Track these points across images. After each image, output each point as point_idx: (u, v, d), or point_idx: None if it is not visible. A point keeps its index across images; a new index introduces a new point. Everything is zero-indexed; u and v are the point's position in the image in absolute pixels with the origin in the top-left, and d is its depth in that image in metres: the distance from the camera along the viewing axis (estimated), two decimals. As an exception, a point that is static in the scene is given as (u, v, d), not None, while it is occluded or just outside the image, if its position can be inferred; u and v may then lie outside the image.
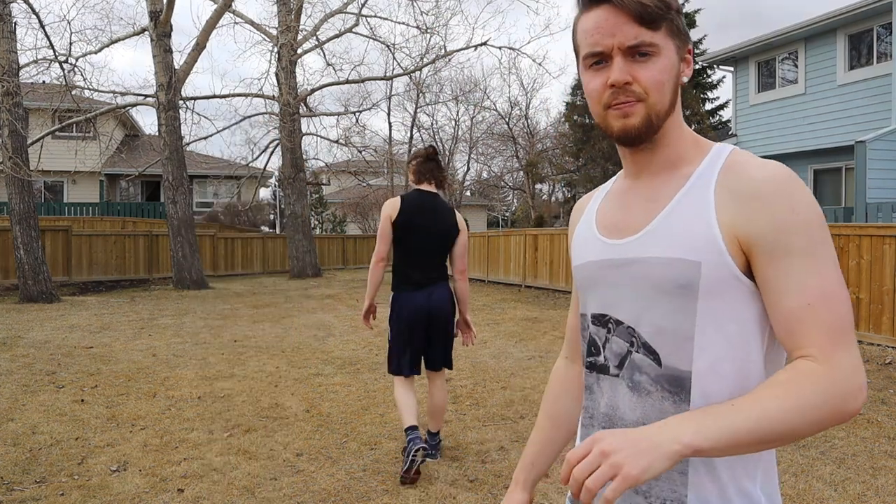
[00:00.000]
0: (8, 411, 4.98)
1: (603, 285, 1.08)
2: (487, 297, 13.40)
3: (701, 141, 1.06)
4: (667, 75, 0.99)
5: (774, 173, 0.94)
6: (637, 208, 1.06)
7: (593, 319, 1.10)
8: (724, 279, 0.95)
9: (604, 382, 1.07)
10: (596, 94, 1.01)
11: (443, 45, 26.40)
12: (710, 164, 1.01)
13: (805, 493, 3.43)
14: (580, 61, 1.04)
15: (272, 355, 7.22)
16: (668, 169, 1.05)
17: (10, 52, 12.30)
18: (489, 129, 33.22)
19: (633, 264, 1.03)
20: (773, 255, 0.92)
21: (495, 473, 3.75)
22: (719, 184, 0.97)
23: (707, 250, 0.95)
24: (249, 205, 26.56)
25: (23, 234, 12.25)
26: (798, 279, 0.91)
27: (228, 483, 3.63)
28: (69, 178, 25.10)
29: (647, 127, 0.99)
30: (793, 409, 0.85)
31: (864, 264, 7.36)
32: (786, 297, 0.92)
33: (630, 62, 0.97)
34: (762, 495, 0.98)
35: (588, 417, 1.12)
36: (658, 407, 0.99)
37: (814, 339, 0.90)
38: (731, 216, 0.94)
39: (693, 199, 0.98)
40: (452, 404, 5.25)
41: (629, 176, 1.11)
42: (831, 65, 14.27)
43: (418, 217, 3.88)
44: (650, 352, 1.00)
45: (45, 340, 8.04)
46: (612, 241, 1.07)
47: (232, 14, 18.19)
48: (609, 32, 0.97)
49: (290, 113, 18.57)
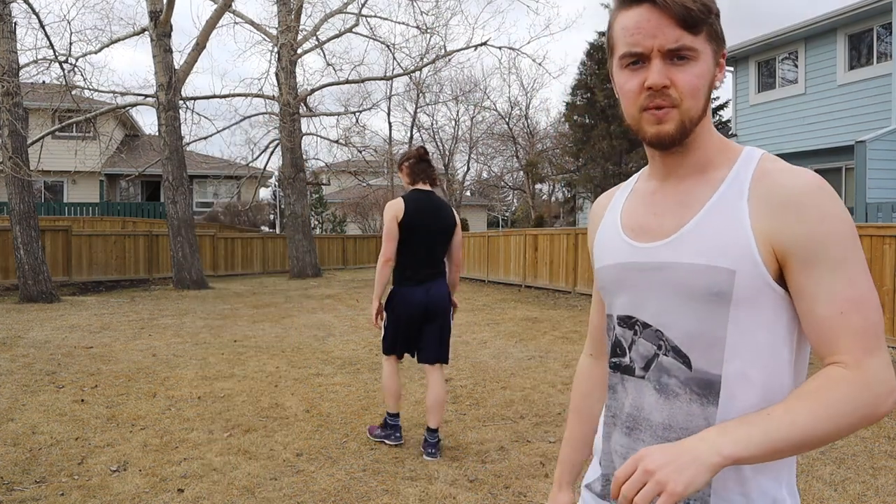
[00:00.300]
0: (8, 411, 4.98)
1: (629, 288, 1.08)
2: (487, 297, 13.40)
3: (729, 144, 1.06)
4: (703, 80, 0.98)
5: (808, 181, 0.94)
6: (666, 212, 1.05)
7: (619, 321, 1.10)
8: (757, 288, 0.95)
9: (629, 383, 1.08)
10: (632, 94, 1.00)
11: (443, 45, 26.42)
12: (741, 170, 1.00)
13: (805, 493, 3.43)
14: (615, 59, 1.03)
15: (272, 355, 7.22)
16: (697, 173, 1.04)
17: (10, 52, 12.30)
18: (489, 129, 33.23)
19: (662, 269, 1.02)
20: (808, 264, 0.93)
21: (495, 473, 3.75)
22: (752, 191, 0.97)
23: (742, 259, 0.95)
24: (249, 205, 26.55)
25: (23, 234, 12.26)
26: (831, 288, 0.92)
27: (228, 483, 3.63)
28: (69, 178, 25.11)
29: (680, 133, 0.99)
30: (824, 417, 0.88)
31: (864, 264, 7.36)
32: (819, 306, 0.93)
33: (668, 65, 0.97)
34: (786, 495, 1.00)
35: (611, 416, 1.13)
36: (685, 409, 1.00)
37: (846, 346, 0.92)
38: (765, 225, 0.95)
39: (726, 205, 0.98)
40: (452, 404, 5.25)
41: (656, 177, 1.10)
42: (831, 65, 14.27)
43: (422, 217, 4.04)
44: (680, 355, 1.00)
45: (45, 340, 8.04)
46: (639, 244, 1.07)
47: (232, 14, 18.19)
48: (650, 33, 0.96)
49: (290, 113, 18.57)
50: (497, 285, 15.81)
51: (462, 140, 32.80)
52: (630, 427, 1.07)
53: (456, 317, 4.31)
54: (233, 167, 23.42)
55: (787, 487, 1.01)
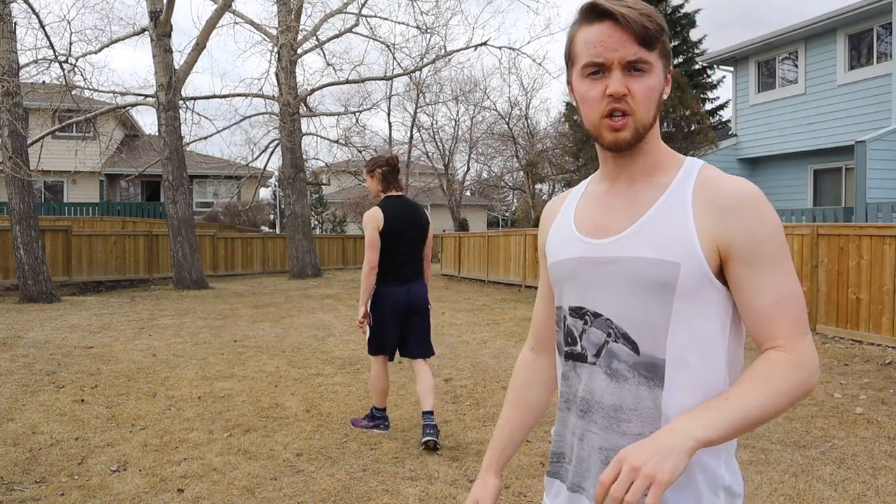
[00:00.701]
0: (8, 411, 4.98)
1: (581, 281, 1.17)
2: (487, 297, 13.40)
3: (674, 154, 1.18)
4: (655, 92, 1.10)
5: (748, 189, 1.08)
6: (618, 211, 1.15)
7: (570, 312, 1.19)
8: (699, 280, 1.07)
9: (581, 370, 1.17)
10: (594, 101, 1.10)
11: (443, 45, 26.42)
12: (685, 176, 1.13)
13: (805, 493, 3.43)
14: (576, 68, 1.13)
15: (272, 355, 7.22)
16: (645, 176, 1.15)
17: (10, 52, 12.30)
18: (489, 129, 33.21)
19: (614, 262, 1.12)
20: (750, 261, 1.06)
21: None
22: (696, 195, 1.09)
23: (686, 254, 1.06)
24: (249, 205, 26.55)
25: (23, 234, 12.26)
26: (771, 282, 1.06)
27: (228, 483, 3.63)
28: (69, 178, 25.11)
29: (635, 138, 1.11)
30: (772, 395, 1.02)
31: (864, 264, 7.36)
32: (759, 297, 1.06)
33: (626, 76, 1.08)
34: (724, 469, 1.11)
35: (565, 402, 1.22)
36: (634, 392, 1.10)
37: (783, 332, 1.06)
38: (709, 225, 1.07)
39: (672, 207, 1.10)
40: (452, 404, 5.26)
41: (607, 179, 1.21)
42: (831, 65, 14.27)
43: (401, 223, 4.29)
44: (628, 341, 1.10)
45: (45, 340, 8.04)
46: (593, 240, 1.16)
47: (232, 14, 18.19)
48: (612, 47, 1.07)
49: (290, 113, 18.57)
50: (497, 285, 15.81)
51: (462, 140, 32.80)
52: (583, 410, 1.16)
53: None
54: (233, 167, 23.42)
55: (724, 463, 1.11)
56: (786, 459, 3.91)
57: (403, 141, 30.33)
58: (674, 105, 13.37)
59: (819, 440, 4.25)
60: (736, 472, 1.13)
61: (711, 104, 22.76)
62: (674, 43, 21.53)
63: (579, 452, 1.18)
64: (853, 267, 7.50)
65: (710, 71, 21.69)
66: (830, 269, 7.78)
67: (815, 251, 7.92)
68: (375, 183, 4.41)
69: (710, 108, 22.60)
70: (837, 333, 7.68)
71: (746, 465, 3.84)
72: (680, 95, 13.41)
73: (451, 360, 6.94)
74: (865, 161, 11.99)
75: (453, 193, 31.26)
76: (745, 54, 16.15)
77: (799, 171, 15.53)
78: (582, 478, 1.17)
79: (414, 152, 31.31)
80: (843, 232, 7.68)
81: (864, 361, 6.54)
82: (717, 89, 23.29)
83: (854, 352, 6.96)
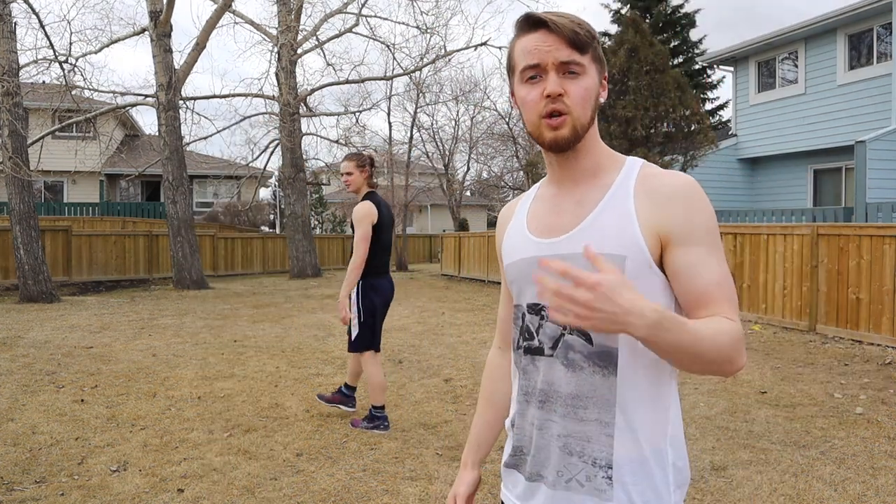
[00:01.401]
0: (8, 411, 4.98)
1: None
2: (487, 297, 13.41)
3: (614, 154, 1.26)
4: (591, 93, 1.18)
5: (685, 181, 1.17)
6: (566, 211, 1.23)
7: (528, 309, 1.25)
8: (642, 270, 1.14)
9: (539, 362, 1.22)
10: (533, 103, 1.18)
11: (443, 45, 26.40)
12: (626, 175, 1.21)
13: (805, 493, 3.43)
14: (516, 76, 1.21)
15: (272, 355, 7.22)
16: (589, 177, 1.23)
17: (10, 52, 12.30)
18: (489, 129, 33.16)
19: (564, 259, 1.17)
20: (689, 245, 1.13)
21: (495, 473, 3.75)
22: (637, 191, 1.17)
23: (630, 246, 1.14)
24: (249, 205, 26.54)
25: (23, 234, 12.25)
26: (709, 264, 1.13)
27: (228, 483, 3.63)
28: (69, 178, 25.11)
29: (574, 137, 1.18)
30: (716, 339, 1.05)
31: (864, 264, 7.36)
32: (699, 278, 1.13)
33: (562, 77, 1.16)
34: (670, 450, 1.18)
35: (524, 395, 1.26)
36: (590, 380, 1.16)
37: (725, 308, 1.12)
38: (650, 216, 1.14)
39: (616, 204, 1.17)
40: (452, 404, 5.26)
41: (554, 183, 1.28)
42: (831, 65, 14.27)
43: (388, 216, 4.56)
44: (582, 333, 1.17)
45: (45, 340, 8.04)
46: (544, 240, 1.23)
47: (232, 14, 18.18)
48: (546, 51, 1.16)
49: (290, 113, 18.56)
50: (497, 285, 15.80)
51: (462, 140, 32.76)
52: (542, 401, 1.22)
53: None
54: (233, 167, 23.41)
55: (670, 441, 1.19)
56: (786, 459, 3.91)
57: (403, 141, 30.29)
58: (674, 105, 13.36)
59: (819, 440, 4.25)
60: (680, 447, 1.21)
61: (711, 104, 22.78)
62: (674, 43, 21.54)
63: (538, 442, 1.22)
64: (853, 267, 7.50)
65: (710, 71, 21.70)
66: (830, 269, 7.78)
67: (815, 251, 7.92)
68: (363, 177, 4.57)
69: (710, 108, 22.61)
70: (837, 333, 7.68)
71: (746, 465, 3.84)
72: (680, 95, 13.40)
73: (451, 360, 6.94)
74: (865, 161, 11.99)
75: (453, 193, 31.24)
76: (745, 54, 16.15)
77: (799, 171, 15.52)
78: (541, 466, 1.22)
79: (414, 152, 31.29)
80: (843, 232, 7.68)
81: (864, 361, 6.54)
82: (717, 89, 23.31)
83: (854, 352, 6.96)
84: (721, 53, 16.64)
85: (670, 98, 13.23)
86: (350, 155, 4.68)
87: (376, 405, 4.53)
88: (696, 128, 13.68)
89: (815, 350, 7.15)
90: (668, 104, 13.27)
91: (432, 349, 7.55)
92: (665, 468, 1.17)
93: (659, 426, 1.18)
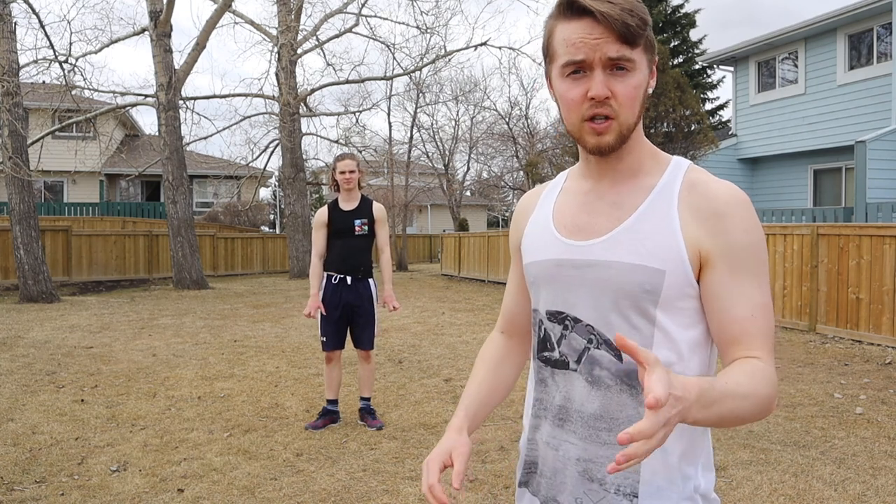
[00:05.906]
0: (8, 411, 4.98)
1: (560, 283, 1.12)
2: (487, 297, 13.40)
3: (658, 153, 1.13)
4: (639, 91, 1.04)
5: (736, 194, 1.03)
6: (600, 212, 1.10)
7: (548, 316, 1.14)
8: (682, 290, 1.03)
9: (559, 377, 1.12)
10: (575, 104, 1.04)
11: (443, 45, 26.42)
12: (671, 178, 1.08)
13: (805, 493, 3.43)
14: (556, 66, 1.06)
15: (272, 355, 7.22)
16: (630, 177, 1.10)
17: (10, 52, 12.31)
18: (489, 129, 33.17)
19: (596, 266, 1.07)
20: (731, 270, 1.01)
21: (495, 473, 3.75)
22: (682, 199, 1.05)
23: (672, 261, 1.02)
24: (249, 205, 26.53)
25: (23, 234, 12.26)
26: (749, 293, 1.01)
27: (228, 483, 3.63)
28: (69, 178, 25.10)
29: (619, 142, 1.05)
30: (754, 391, 0.94)
31: (864, 264, 7.36)
32: (736, 308, 1.01)
33: (608, 75, 1.01)
34: (701, 479, 1.08)
35: (542, 409, 1.16)
36: (617, 399, 1.05)
37: (758, 344, 1.00)
38: (694, 231, 1.02)
39: (657, 211, 1.05)
40: (452, 404, 5.26)
41: (589, 178, 1.14)
42: (831, 65, 14.26)
43: None
44: (612, 348, 1.05)
45: (45, 340, 8.04)
46: (573, 241, 1.11)
47: (232, 14, 18.18)
48: (593, 46, 1.00)
49: (290, 113, 18.56)
50: (497, 285, 15.80)
51: (462, 140, 32.76)
52: (562, 419, 1.11)
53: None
54: (233, 167, 23.41)
55: (702, 469, 1.08)
56: (786, 459, 3.91)
57: (403, 141, 30.30)
58: (674, 105, 13.37)
59: (819, 440, 4.25)
60: (710, 470, 1.11)
61: (711, 104, 22.76)
62: (674, 43, 21.53)
63: (554, 464, 1.13)
64: (853, 267, 7.50)
65: (710, 71, 21.70)
66: (830, 269, 7.78)
67: (815, 251, 7.92)
68: (357, 179, 4.71)
69: (710, 108, 22.61)
70: (837, 333, 7.68)
71: (746, 465, 3.84)
72: (680, 95, 13.41)
73: (451, 360, 6.93)
74: (865, 161, 11.99)
75: (453, 193, 31.23)
76: (745, 54, 16.15)
77: (799, 171, 15.52)
78: (556, 491, 1.13)
79: (414, 152, 31.29)
80: (843, 232, 7.68)
81: (864, 361, 6.54)
82: (717, 89, 23.30)
83: (854, 352, 6.96)
84: (721, 53, 16.64)
85: (670, 98, 13.24)
86: (349, 154, 4.69)
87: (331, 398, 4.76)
88: (696, 128, 13.69)
89: (815, 350, 7.15)
90: (668, 104, 13.28)
91: (432, 349, 7.54)
92: (695, 499, 1.07)
93: (692, 453, 1.07)
